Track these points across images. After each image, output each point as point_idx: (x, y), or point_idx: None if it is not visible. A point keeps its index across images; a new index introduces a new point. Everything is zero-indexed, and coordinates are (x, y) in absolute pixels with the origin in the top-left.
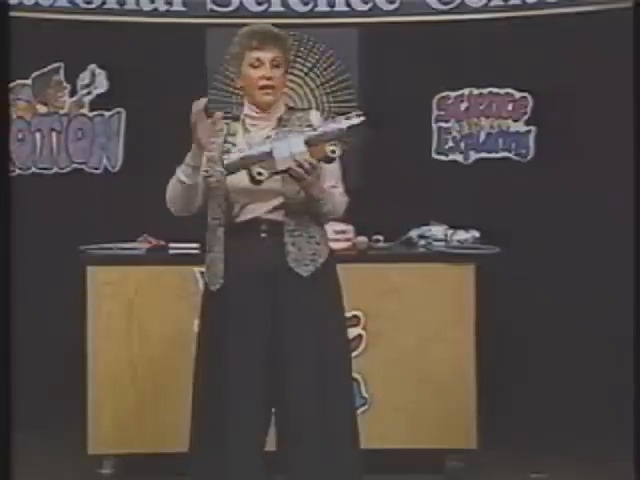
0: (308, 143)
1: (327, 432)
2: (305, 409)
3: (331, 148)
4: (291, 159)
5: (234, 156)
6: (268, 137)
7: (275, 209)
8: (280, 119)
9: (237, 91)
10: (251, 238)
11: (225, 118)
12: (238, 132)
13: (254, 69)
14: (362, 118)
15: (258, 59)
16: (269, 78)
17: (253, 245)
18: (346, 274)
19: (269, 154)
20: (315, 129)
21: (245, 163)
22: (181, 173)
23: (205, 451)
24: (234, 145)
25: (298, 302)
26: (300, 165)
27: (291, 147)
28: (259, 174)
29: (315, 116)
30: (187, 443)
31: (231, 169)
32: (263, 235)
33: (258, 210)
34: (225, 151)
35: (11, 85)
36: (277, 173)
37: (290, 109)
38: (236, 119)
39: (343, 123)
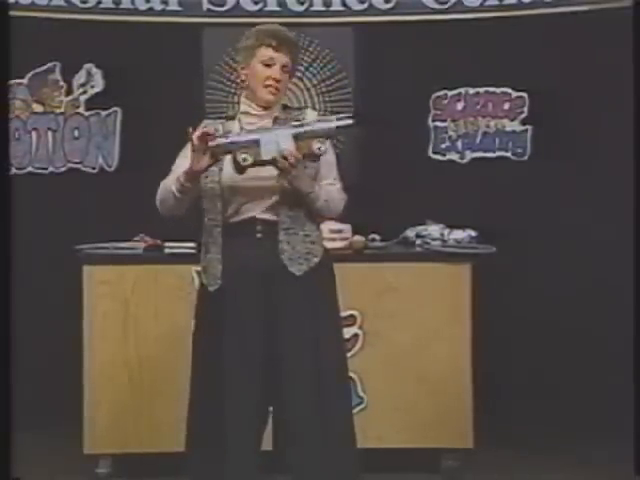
0: (296, 138)
1: (323, 431)
2: (301, 408)
3: (317, 145)
4: (276, 150)
5: (221, 140)
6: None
7: (271, 208)
8: (276, 118)
9: (234, 91)
10: (247, 238)
11: (220, 117)
12: (234, 131)
13: (265, 67)
14: (351, 121)
15: (272, 58)
16: (277, 80)
17: (249, 245)
18: (343, 273)
19: (256, 142)
20: (303, 125)
21: (231, 148)
22: (175, 190)
23: (202, 450)
24: None
25: (292, 301)
26: (285, 157)
27: (278, 139)
28: (244, 160)
29: (311, 115)
30: (184, 442)
31: (217, 152)
32: (259, 235)
33: (253, 210)
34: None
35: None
36: (262, 163)
37: (286, 108)
38: (231, 118)
39: (332, 123)
